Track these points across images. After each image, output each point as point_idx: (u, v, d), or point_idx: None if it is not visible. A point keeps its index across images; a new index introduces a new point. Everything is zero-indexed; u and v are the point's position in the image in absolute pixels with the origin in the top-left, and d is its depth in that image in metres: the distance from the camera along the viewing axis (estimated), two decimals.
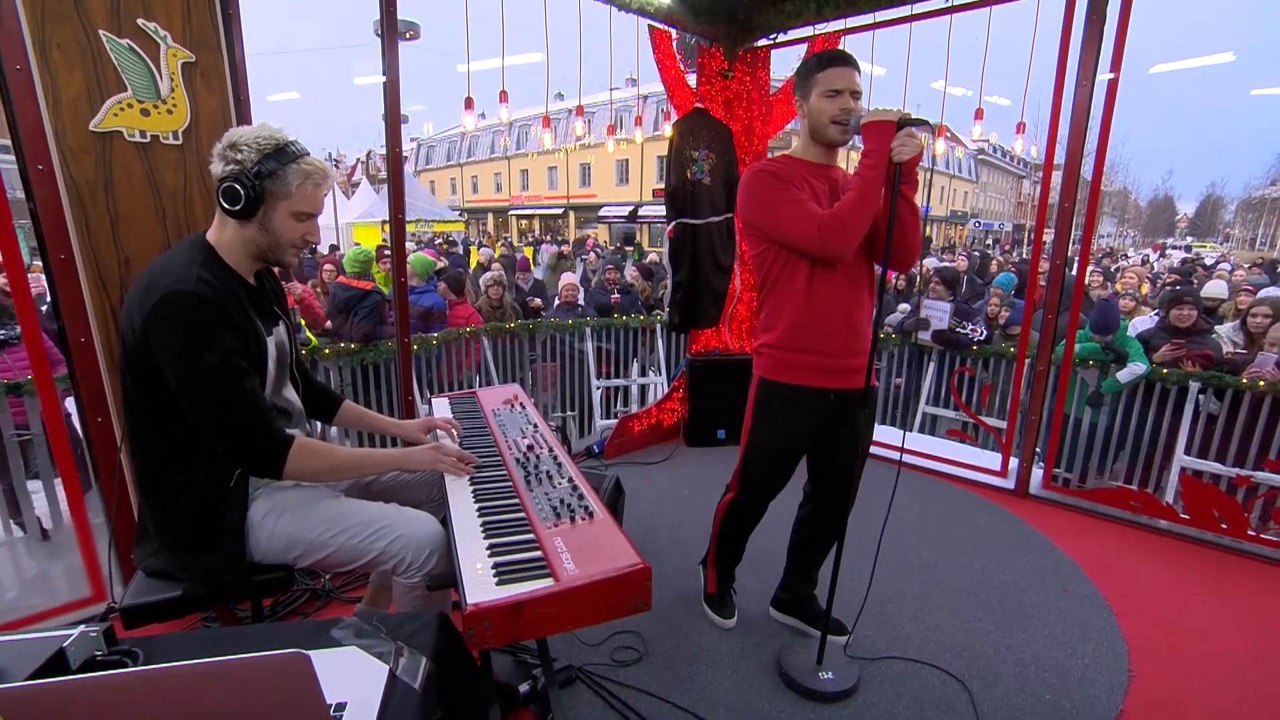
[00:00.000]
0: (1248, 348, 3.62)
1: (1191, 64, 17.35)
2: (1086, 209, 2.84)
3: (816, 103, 1.76)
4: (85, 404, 2.02)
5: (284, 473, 1.40)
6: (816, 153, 1.86)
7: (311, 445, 1.47)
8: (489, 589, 1.21)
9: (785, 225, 1.77)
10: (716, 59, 3.75)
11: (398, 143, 2.54)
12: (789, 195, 1.77)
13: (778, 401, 1.94)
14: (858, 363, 1.87)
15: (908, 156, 1.63)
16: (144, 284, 1.31)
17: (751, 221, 1.86)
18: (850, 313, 1.86)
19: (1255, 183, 42.41)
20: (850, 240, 1.71)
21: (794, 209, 1.75)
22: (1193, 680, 2.06)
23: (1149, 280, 7.07)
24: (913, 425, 4.41)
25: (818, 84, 1.75)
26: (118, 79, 1.94)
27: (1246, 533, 2.74)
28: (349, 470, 1.58)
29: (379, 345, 4.14)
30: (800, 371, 1.89)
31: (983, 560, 2.69)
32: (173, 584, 1.43)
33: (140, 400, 1.37)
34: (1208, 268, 11.89)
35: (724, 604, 2.23)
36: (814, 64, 1.78)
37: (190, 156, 2.07)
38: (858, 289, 1.88)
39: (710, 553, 2.25)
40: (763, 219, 1.80)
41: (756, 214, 1.82)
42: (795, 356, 1.89)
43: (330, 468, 1.50)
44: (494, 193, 39.99)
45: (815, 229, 1.70)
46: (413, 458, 1.65)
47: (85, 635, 0.94)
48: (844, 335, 1.86)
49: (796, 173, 1.81)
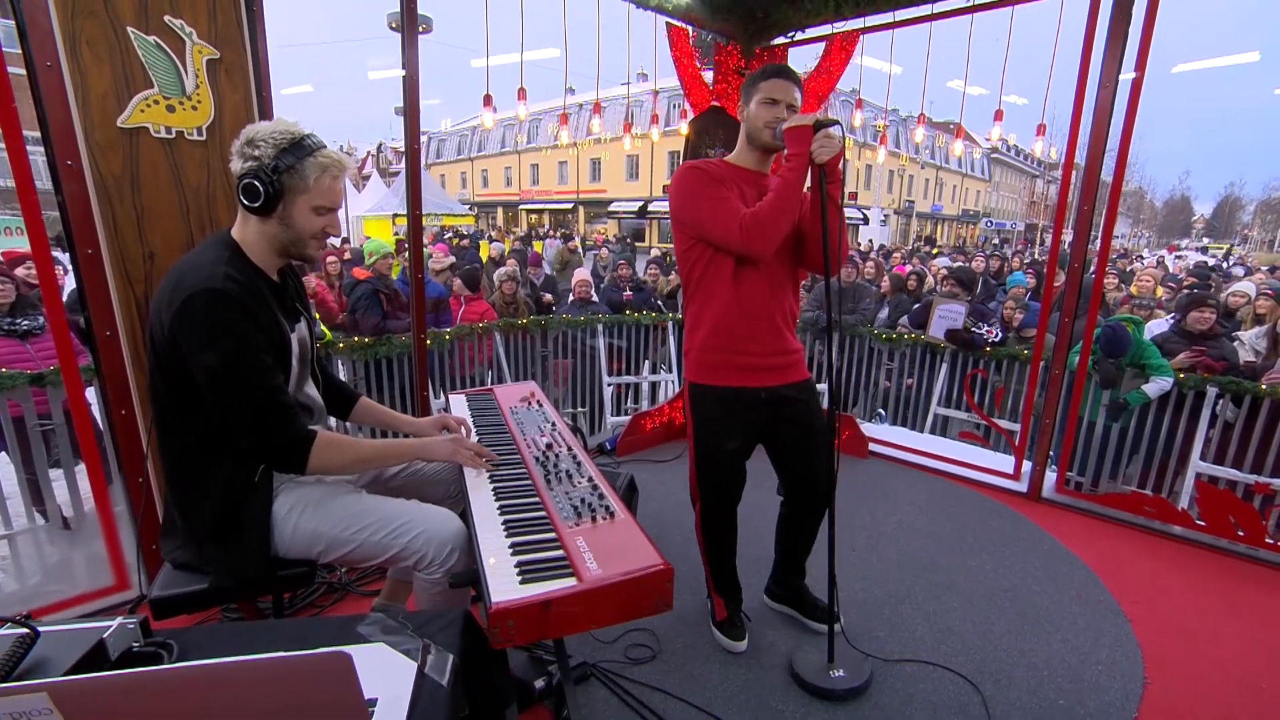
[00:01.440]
0: (1271, 354, 3.58)
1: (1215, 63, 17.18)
2: (1106, 210, 2.83)
3: (754, 109, 1.85)
4: (110, 397, 2.05)
5: (308, 467, 1.42)
6: (752, 159, 1.93)
7: (334, 439, 1.49)
8: (513, 587, 1.22)
9: (709, 222, 1.82)
10: (733, 56, 3.74)
11: (416, 139, 2.55)
12: (716, 193, 1.82)
13: (710, 403, 1.98)
14: (785, 360, 1.95)
15: (828, 157, 1.74)
16: (172, 282, 1.33)
17: (679, 217, 1.89)
18: (773, 313, 1.93)
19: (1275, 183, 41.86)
20: (770, 239, 1.77)
21: (719, 206, 1.80)
22: (1208, 689, 2.05)
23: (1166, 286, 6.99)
24: (924, 426, 4.40)
25: (759, 91, 1.84)
26: (145, 75, 1.96)
27: (1264, 540, 2.72)
28: (372, 462, 1.61)
29: (391, 339, 4.17)
30: (726, 372, 1.94)
31: (994, 563, 2.69)
32: (199, 577, 1.46)
33: (167, 396, 1.39)
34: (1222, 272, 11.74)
35: (733, 626, 2.19)
36: (759, 74, 1.87)
37: (213, 152, 2.09)
38: (780, 289, 1.94)
39: (709, 580, 2.23)
40: (689, 214, 1.85)
41: (683, 209, 1.86)
42: (720, 357, 1.94)
43: (353, 460, 1.52)
44: (504, 187, 40.06)
45: (738, 226, 1.76)
46: (432, 448, 1.68)
47: (124, 627, 0.96)
48: (766, 335, 1.93)
49: (728, 175, 1.88)
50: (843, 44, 3.40)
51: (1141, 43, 2.60)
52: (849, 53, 3.40)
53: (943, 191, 39.30)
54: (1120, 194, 3.00)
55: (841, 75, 3.46)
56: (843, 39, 3.43)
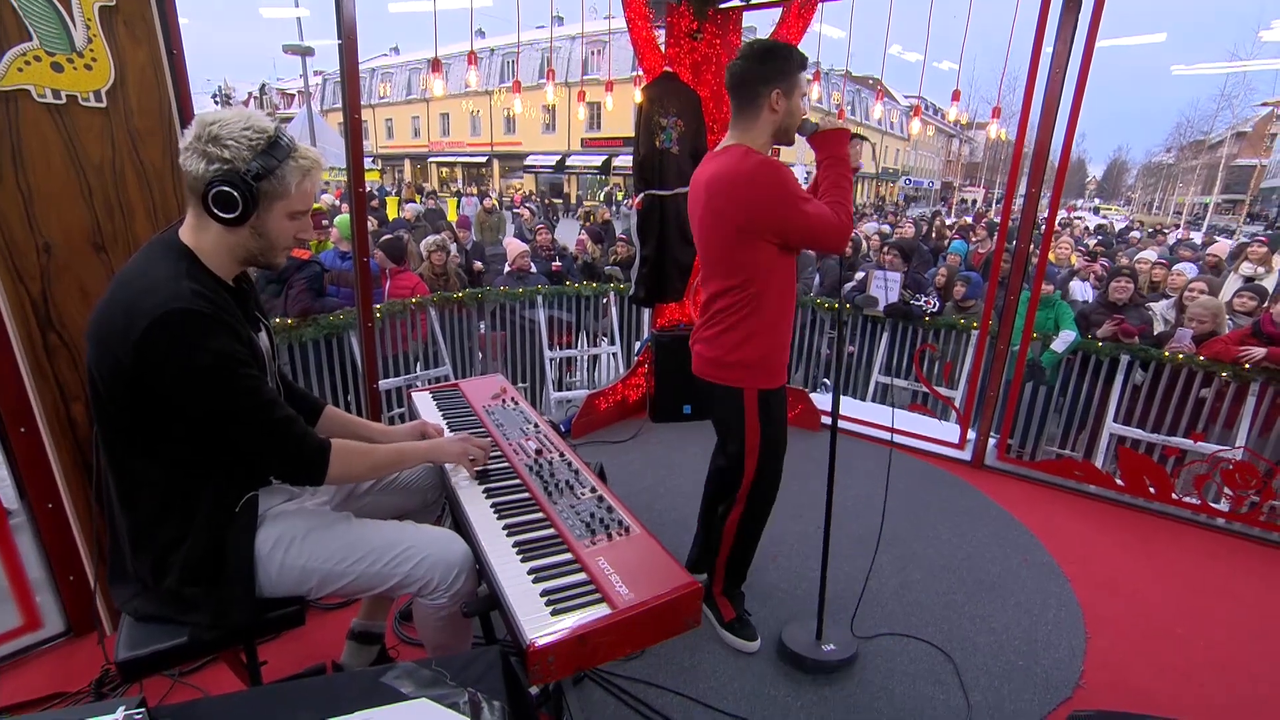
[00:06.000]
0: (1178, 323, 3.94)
1: (1127, 42, 18.58)
2: (1031, 170, 2.92)
3: (797, 103, 1.79)
4: (4, 413, 1.73)
5: (327, 478, 1.32)
6: (765, 149, 1.84)
7: (350, 446, 1.38)
8: (545, 621, 1.16)
9: (813, 222, 1.73)
10: (685, 18, 3.56)
11: (357, 109, 2.26)
12: (804, 192, 1.78)
13: (775, 405, 1.97)
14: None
15: (859, 164, 1.90)
16: (123, 305, 1.12)
17: (768, 222, 1.73)
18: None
19: (1155, 149, 46.32)
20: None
21: (813, 206, 1.75)
22: (1136, 636, 2.29)
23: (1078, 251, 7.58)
24: (865, 395, 4.58)
25: (798, 85, 1.78)
26: (19, 25, 1.60)
27: (1170, 497, 3.03)
28: (388, 467, 1.52)
29: (318, 320, 3.82)
30: (781, 373, 1.97)
31: (949, 533, 2.85)
32: (171, 629, 1.27)
33: (127, 433, 1.20)
34: (1121, 237, 13.08)
35: (745, 625, 2.16)
36: (798, 63, 1.77)
37: (118, 122, 1.76)
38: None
39: (718, 583, 2.18)
40: (789, 217, 1.72)
41: (780, 212, 1.71)
42: (781, 358, 1.94)
43: (370, 466, 1.44)
44: (411, 138, 37.59)
45: (839, 223, 1.75)
46: (443, 450, 1.60)
47: (130, 718, 0.84)
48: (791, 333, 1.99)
49: None
50: (801, 10, 3.30)
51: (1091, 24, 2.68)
52: (807, 20, 3.31)
53: (862, 149, 40.29)
54: (1022, 153, 3.12)
55: (799, 43, 3.37)
56: (800, 5, 3.33)
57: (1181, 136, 36.39)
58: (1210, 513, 2.98)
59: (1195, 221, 29.06)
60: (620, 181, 27.45)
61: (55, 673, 1.87)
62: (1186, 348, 3.60)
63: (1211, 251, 7.42)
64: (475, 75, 4.33)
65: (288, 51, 16.23)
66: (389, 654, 1.87)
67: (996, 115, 4.02)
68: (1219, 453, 3.06)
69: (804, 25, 3.31)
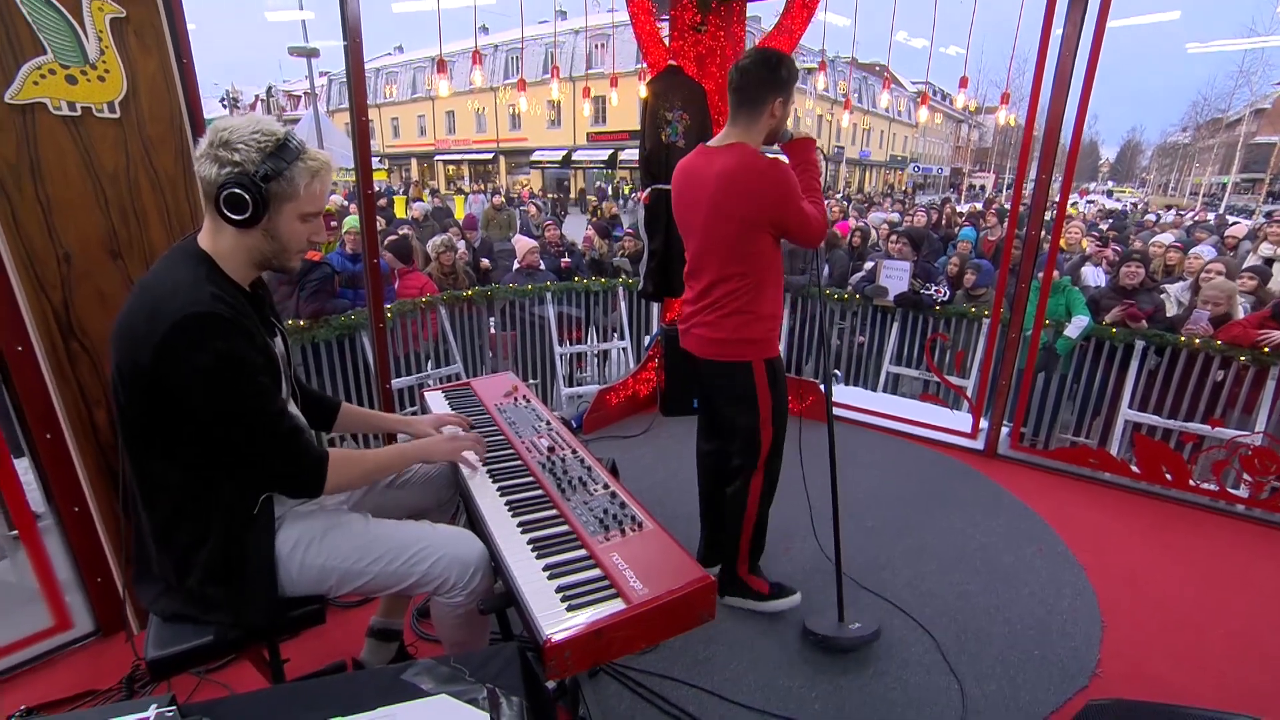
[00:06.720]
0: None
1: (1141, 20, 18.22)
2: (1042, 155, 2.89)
3: (787, 110, 1.94)
4: (31, 419, 1.77)
5: (325, 488, 1.33)
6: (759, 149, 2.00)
7: (345, 454, 1.39)
8: (561, 616, 1.18)
9: (807, 219, 1.89)
10: (689, 11, 3.54)
11: (364, 111, 2.28)
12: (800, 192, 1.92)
13: (779, 374, 2.09)
14: None
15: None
16: (146, 309, 1.15)
17: (775, 216, 1.87)
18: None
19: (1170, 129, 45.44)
20: None
21: (807, 205, 1.90)
22: (1153, 625, 2.27)
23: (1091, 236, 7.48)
24: (877, 385, 4.56)
25: (792, 95, 1.93)
26: (34, 39, 1.63)
27: (1187, 484, 3.00)
28: (382, 472, 1.53)
29: (330, 321, 3.86)
30: (778, 344, 2.11)
31: (963, 523, 2.84)
32: (197, 629, 1.31)
33: (148, 434, 1.23)
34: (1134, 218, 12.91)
35: (781, 587, 2.26)
36: (794, 75, 1.93)
37: (131, 132, 1.79)
38: None
39: (744, 562, 2.22)
40: (790, 213, 1.88)
41: (784, 207, 1.86)
42: (777, 332, 2.10)
43: (363, 473, 1.44)
44: (417, 136, 37.69)
45: (822, 221, 1.94)
46: (430, 449, 1.60)
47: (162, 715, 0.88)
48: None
49: None
50: (804, 4, 3.27)
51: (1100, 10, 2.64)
52: (811, 10, 3.29)
53: (870, 137, 40.06)
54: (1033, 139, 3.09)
55: (803, 34, 3.35)
56: None
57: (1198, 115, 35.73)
58: (1229, 499, 2.95)
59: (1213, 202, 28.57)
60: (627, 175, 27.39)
61: (85, 671, 1.92)
62: (1203, 330, 3.55)
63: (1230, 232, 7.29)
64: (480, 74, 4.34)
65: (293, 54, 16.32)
66: (408, 651, 1.90)
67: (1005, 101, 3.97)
68: (1238, 438, 3.03)
69: (809, 14, 3.28)
